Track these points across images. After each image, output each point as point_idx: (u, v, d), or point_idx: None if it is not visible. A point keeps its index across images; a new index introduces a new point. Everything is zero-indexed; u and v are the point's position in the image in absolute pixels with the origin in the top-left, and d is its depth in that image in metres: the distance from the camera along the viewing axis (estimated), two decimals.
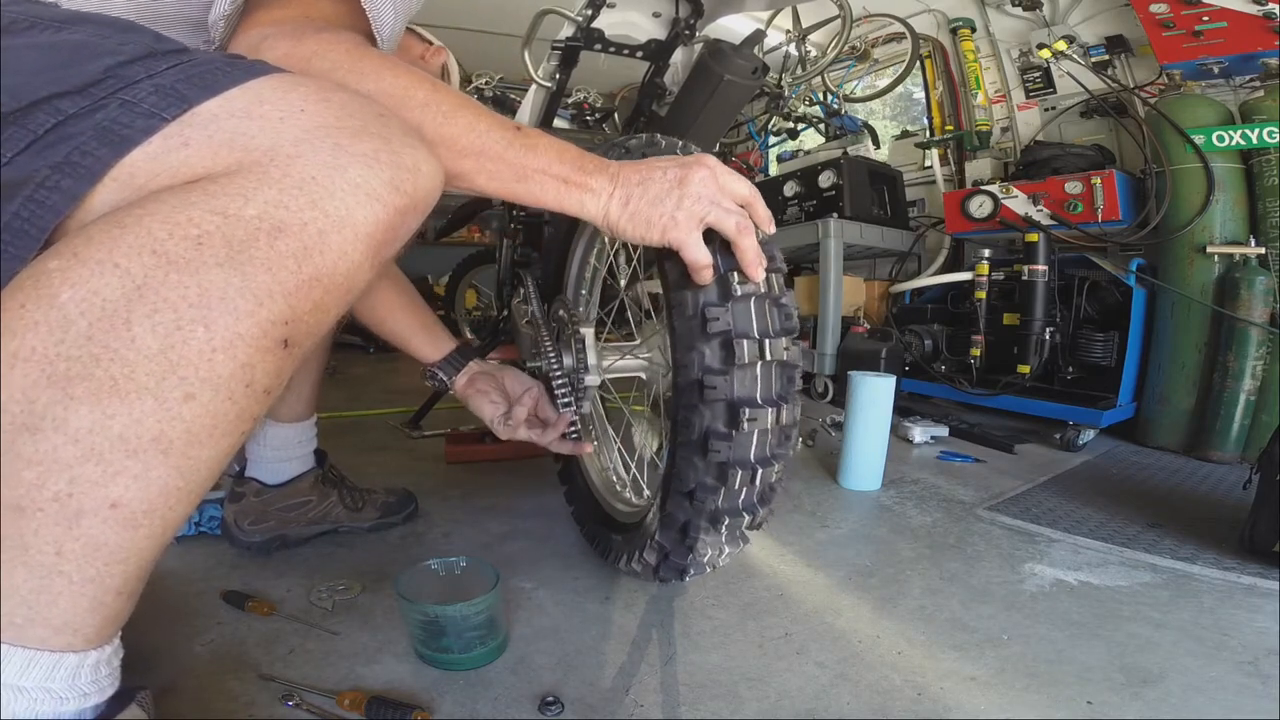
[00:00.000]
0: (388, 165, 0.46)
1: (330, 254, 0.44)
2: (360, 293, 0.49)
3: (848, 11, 2.59)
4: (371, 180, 0.45)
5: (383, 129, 0.48)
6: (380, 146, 0.46)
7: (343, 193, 0.44)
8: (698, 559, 0.86)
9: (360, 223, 0.45)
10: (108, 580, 0.42)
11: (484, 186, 0.62)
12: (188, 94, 0.44)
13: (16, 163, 0.42)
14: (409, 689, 0.75)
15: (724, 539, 0.84)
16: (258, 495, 1.08)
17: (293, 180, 0.43)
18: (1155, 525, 1.34)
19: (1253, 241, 1.91)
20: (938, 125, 3.04)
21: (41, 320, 0.38)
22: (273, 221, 0.41)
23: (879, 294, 2.83)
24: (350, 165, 0.44)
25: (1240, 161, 1.96)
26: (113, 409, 0.39)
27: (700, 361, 0.74)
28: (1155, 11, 2.05)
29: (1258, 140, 1.87)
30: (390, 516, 1.21)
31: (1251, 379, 1.86)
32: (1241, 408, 1.87)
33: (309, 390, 1.10)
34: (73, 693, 0.44)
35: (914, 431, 2.01)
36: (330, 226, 0.43)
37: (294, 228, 0.42)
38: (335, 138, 0.45)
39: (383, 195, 0.46)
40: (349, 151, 0.45)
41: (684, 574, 0.90)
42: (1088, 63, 2.40)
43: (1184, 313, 2.00)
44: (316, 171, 0.43)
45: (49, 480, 0.38)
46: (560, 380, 0.95)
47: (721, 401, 0.74)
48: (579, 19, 1.20)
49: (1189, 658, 0.87)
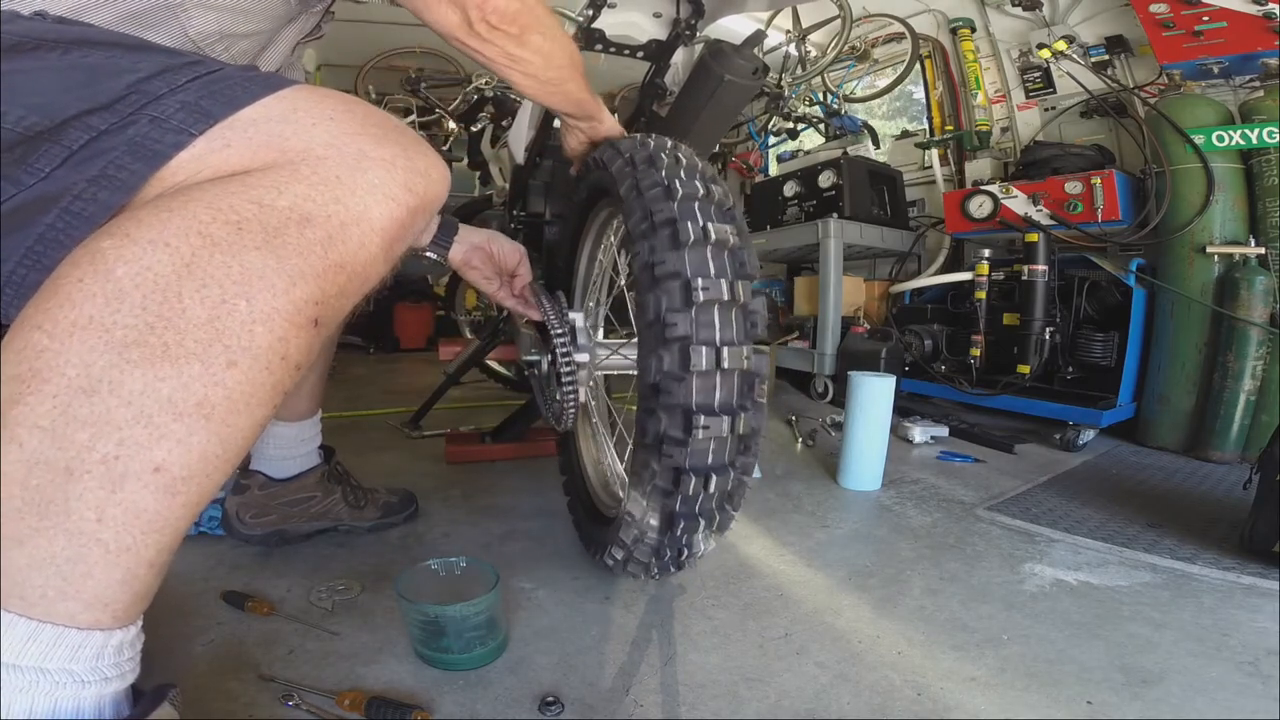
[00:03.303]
0: (403, 169, 0.51)
1: (351, 244, 0.48)
2: (374, 284, 0.53)
3: (848, 11, 2.59)
4: (389, 182, 0.50)
5: (400, 137, 0.53)
6: (398, 153, 0.51)
7: (363, 191, 0.48)
8: (660, 559, 0.88)
9: (377, 218, 0.49)
10: (142, 551, 0.43)
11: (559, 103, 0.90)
12: (211, 110, 0.48)
13: (54, 176, 0.45)
14: (409, 689, 0.75)
15: (684, 542, 0.86)
16: (262, 489, 1.09)
17: (320, 178, 0.47)
18: (1155, 525, 1.34)
19: (1252, 241, 1.91)
20: (938, 125, 3.04)
21: (99, 292, 0.41)
22: (302, 212, 0.46)
23: (879, 294, 2.84)
24: (371, 168, 0.49)
25: (1240, 161, 1.96)
26: (164, 372, 0.41)
27: (658, 366, 0.75)
28: (1155, 11, 2.05)
29: (1257, 140, 1.87)
30: (391, 516, 1.21)
31: (1251, 379, 1.86)
32: (1241, 408, 1.87)
33: (313, 387, 1.12)
34: (94, 675, 0.43)
35: (914, 431, 2.01)
36: (351, 220, 0.48)
37: (320, 219, 0.46)
38: (359, 143, 0.50)
39: (397, 195, 0.50)
40: (370, 156, 0.50)
41: (648, 571, 0.93)
42: (1088, 63, 2.40)
43: (1184, 313, 2.00)
44: (341, 171, 0.48)
45: (99, 441, 0.40)
46: (559, 334, 1.00)
47: (678, 406, 0.74)
48: (579, 19, 1.20)
49: (1189, 658, 0.87)
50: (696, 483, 0.77)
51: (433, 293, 4.52)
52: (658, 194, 0.79)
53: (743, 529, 1.27)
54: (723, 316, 0.76)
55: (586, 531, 1.08)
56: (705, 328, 0.74)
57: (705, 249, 0.76)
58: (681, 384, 0.74)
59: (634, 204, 0.81)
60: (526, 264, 1.12)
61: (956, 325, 2.45)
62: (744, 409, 0.77)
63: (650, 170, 0.82)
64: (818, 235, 2.60)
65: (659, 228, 0.77)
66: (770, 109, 3.05)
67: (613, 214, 1.08)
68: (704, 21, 1.26)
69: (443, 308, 3.95)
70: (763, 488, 1.53)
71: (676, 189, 0.79)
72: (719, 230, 0.77)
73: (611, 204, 1.01)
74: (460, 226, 1.08)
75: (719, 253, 0.77)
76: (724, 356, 0.74)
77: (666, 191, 0.79)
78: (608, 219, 1.12)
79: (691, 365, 0.73)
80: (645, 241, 0.78)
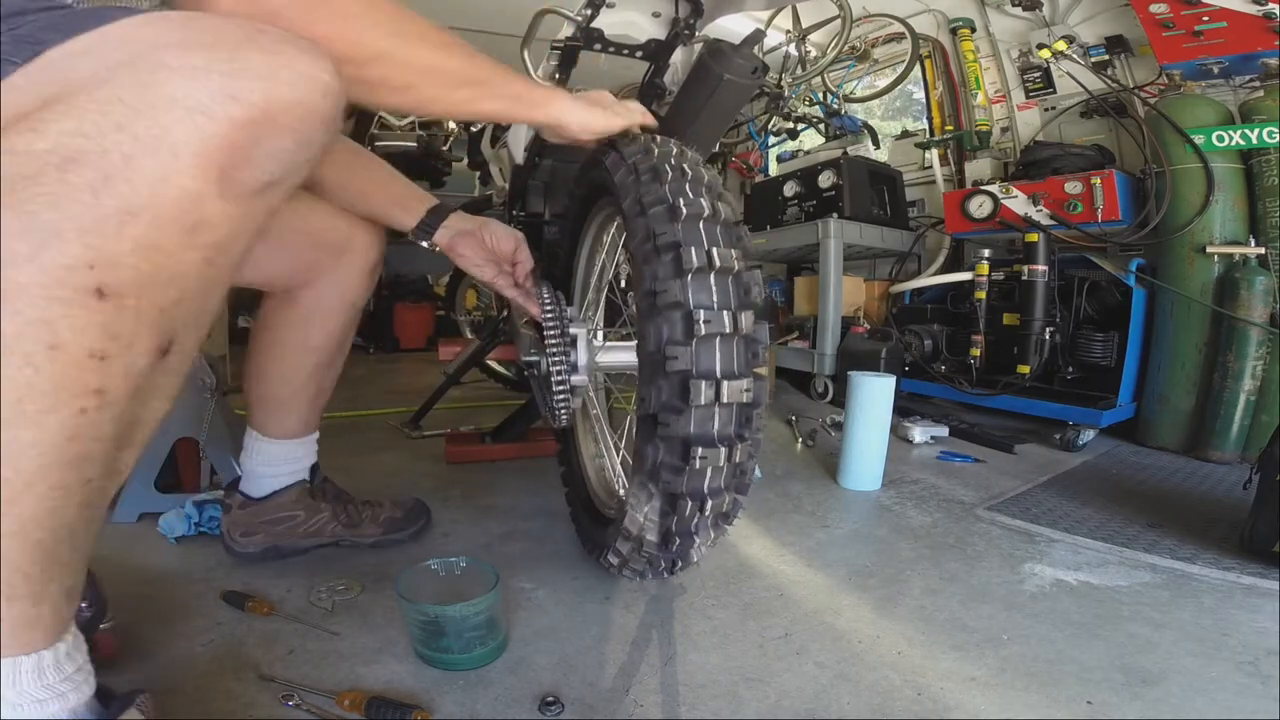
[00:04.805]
0: (221, 74, 0.40)
1: (143, 181, 0.38)
2: (236, 225, 0.43)
3: (848, 11, 2.59)
4: (195, 93, 0.39)
5: (235, 38, 0.41)
6: (217, 56, 0.40)
7: (154, 110, 0.38)
8: (655, 569, 0.91)
9: (182, 142, 0.39)
10: None
11: (473, 110, 0.72)
12: (43, 38, 0.41)
13: None
14: (409, 689, 0.75)
15: (679, 555, 0.87)
16: (242, 508, 1.05)
17: (96, 105, 0.37)
18: (1155, 525, 1.34)
19: (1252, 241, 1.91)
20: (938, 125, 3.03)
21: None
22: (65, 153, 0.36)
23: (879, 294, 2.84)
24: (167, 81, 0.39)
25: (1240, 161, 1.96)
26: None
27: (657, 398, 0.75)
28: (1155, 11, 2.05)
29: (1257, 140, 1.87)
30: (395, 533, 1.14)
31: (1251, 379, 1.86)
32: (1241, 408, 1.87)
33: (303, 407, 1.05)
34: (23, 698, 0.43)
35: (914, 431, 2.00)
36: (140, 150, 0.38)
37: (91, 155, 0.37)
38: (159, 55, 0.39)
39: (209, 108, 0.39)
40: (169, 66, 0.39)
41: (644, 576, 0.95)
42: (1088, 63, 2.40)
43: (1184, 313, 2.00)
44: (124, 93, 0.38)
45: None
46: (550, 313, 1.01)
47: (676, 438, 0.75)
48: (578, 19, 1.20)
49: (1189, 658, 0.87)
50: (693, 506, 0.78)
51: (433, 293, 4.52)
52: (661, 213, 0.77)
53: (743, 529, 1.27)
54: (724, 350, 0.75)
55: (586, 532, 1.08)
56: (706, 361, 0.74)
57: (709, 277, 0.75)
58: (680, 416, 0.74)
59: (636, 223, 0.79)
60: (525, 250, 1.09)
61: (956, 325, 2.45)
62: (741, 439, 0.77)
63: (654, 185, 0.79)
64: (818, 235, 2.60)
65: (661, 251, 0.75)
66: (770, 109, 3.05)
67: (611, 215, 1.08)
68: (703, 21, 1.27)
69: (442, 308, 3.95)
70: (763, 488, 1.53)
71: (681, 209, 0.76)
72: (724, 255, 0.75)
73: (611, 204, 1.01)
74: (453, 214, 1.05)
75: (723, 280, 0.75)
76: (724, 390, 0.74)
77: (671, 211, 0.76)
78: (606, 219, 1.12)
79: (691, 400, 0.73)
80: (647, 266, 0.76)
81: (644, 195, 0.79)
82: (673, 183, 0.79)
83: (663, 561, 0.89)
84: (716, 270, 0.75)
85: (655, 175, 0.80)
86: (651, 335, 0.75)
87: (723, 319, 0.74)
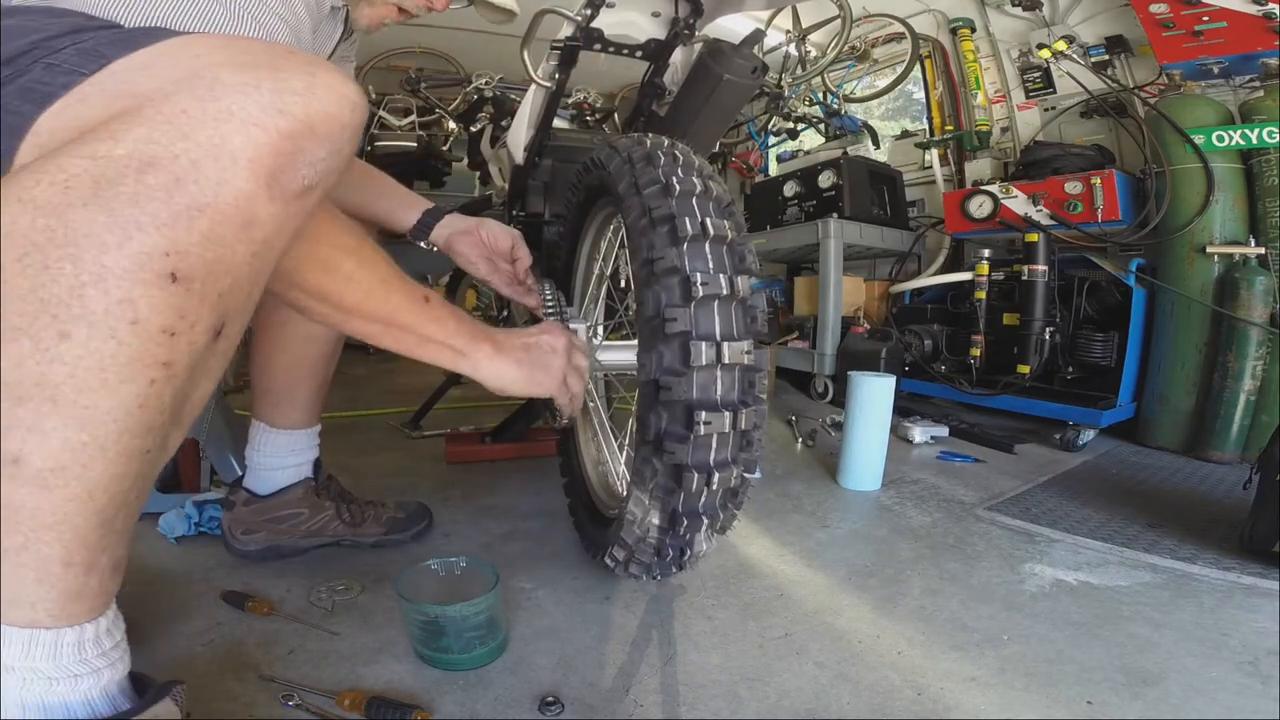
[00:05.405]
0: (270, 90, 0.45)
1: (207, 182, 0.43)
2: (280, 223, 0.48)
3: (848, 11, 2.59)
4: (249, 106, 0.44)
5: (275, 60, 0.47)
6: (264, 75, 0.45)
7: (215, 121, 0.43)
8: (661, 559, 0.88)
9: (240, 148, 0.43)
10: (43, 549, 0.42)
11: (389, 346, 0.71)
12: (108, 53, 0.45)
13: None
14: (409, 689, 0.75)
15: (686, 540, 0.85)
16: (247, 505, 1.05)
17: (164, 116, 0.42)
18: (1155, 525, 1.34)
19: (1252, 241, 1.91)
20: (938, 125, 3.04)
21: None
22: (143, 157, 0.41)
23: (879, 294, 2.84)
24: (225, 95, 0.44)
25: (1240, 161, 1.96)
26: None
27: (658, 362, 0.75)
28: (1155, 11, 2.05)
29: (1257, 140, 1.87)
30: (397, 534, 1.14)
31: (1251, 379, 1.86)
32: (1241, 408, 1.87)
33: (308, 397, 1.07)
34: (60, 671, 0.44)
35: (914, 431, 2.00)
36: (204, 156, 0.42)
37: (165, 161, 0.41)
38: (216, 72, 0.44)
39: (261, 120, 0.44)
40: (225, 83, 0.44)
41: (649, 572, 0.92)
42: (1088, 63, 2.40)
43: (1184, 313, 2.00)
44: (188, 105, 0.43)
45: None
46: (550, 308, 1.03)
47: (679, 402, 0.74)
48: (578, 19, 1.20)
49: (1189, 658, 0.87)
50: (699, 480, 0.76)
51: None
52: (655, 191, 0.79)
53: (743, 529, 1.27)
54: (722, 311, 0.75)
55: (587, 532, 1.07)
56: (705, 322, 0.74)
57: (704, 244, 0.76)
58: (682, 380, 0.74)
59: (632, 201, 0.81)
60: (523, 247, 1.10)
61: (956, 325, 2.45)
62: (745, 404, 0.77)
63: (648, 168, 0.82)
64: (818, 235, 2.60)
65: (657, 224, 0.78)
66: (770, 109, 3.05)
67: (611, 215, 1.08)
68: (703, 21, 1.26)
69: None
70: (763, 488, 1.53)
71: (674, 185, 0.79)
72: (717, 225, 0.77)
73: (610, 203, 1.01)
74: (449, 215, 1.07)
75: (718, 248, 0.77)
76: (724, 351, 0.74)
77: (664, 189, 0.79)
78: (606, 220, 1.12)
79: (691, 360, 0.73)
80: (644, 238, 0.78)
81: (639, 176, 0.82)
82: (665, 166, 0.82)
83: (669, 551, 0.86)
84: (711, 238, 0.77)
85: (649, 160, 0.83)
86: (650, 301, 0.76)
87: (720, 281, 0.75)
